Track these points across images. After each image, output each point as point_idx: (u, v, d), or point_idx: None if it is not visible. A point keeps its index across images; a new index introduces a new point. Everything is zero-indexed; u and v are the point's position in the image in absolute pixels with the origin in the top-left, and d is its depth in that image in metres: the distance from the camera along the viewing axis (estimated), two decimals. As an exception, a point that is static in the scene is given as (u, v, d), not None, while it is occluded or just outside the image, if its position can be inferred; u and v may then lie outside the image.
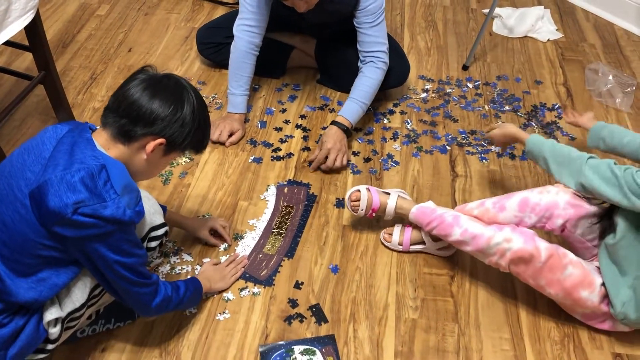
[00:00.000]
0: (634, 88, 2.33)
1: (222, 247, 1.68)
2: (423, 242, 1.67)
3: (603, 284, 1.43)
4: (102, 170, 1.15)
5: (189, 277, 1.54)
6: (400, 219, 1.71)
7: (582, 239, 1.51)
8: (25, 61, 2.33)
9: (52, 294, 1.21)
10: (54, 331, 1.24)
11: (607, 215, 1.47)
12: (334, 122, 1.97)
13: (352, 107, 1.99)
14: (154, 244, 1.37)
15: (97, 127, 1.25)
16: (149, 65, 1.27)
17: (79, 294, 1.26)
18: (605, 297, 1.43)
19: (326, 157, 1.92)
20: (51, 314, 1.23)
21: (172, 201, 1.82)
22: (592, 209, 1.48)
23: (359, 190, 1.68)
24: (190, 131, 1.24)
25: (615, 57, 2.59)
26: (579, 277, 1.41)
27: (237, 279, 1.61)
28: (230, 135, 2.03)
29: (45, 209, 1.11)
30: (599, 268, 1.46)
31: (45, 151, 1.19)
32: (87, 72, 2.32)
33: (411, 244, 1.68)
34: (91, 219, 1.12)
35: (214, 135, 2.01)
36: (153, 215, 1.36)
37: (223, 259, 1.65)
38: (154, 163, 1.27)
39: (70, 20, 2.61)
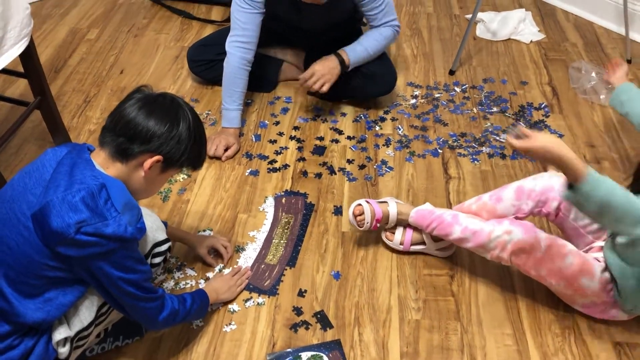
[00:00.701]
0: (617, 84, 2.39)
1: (217, 267, 1.69)
2: (423, 243, 1.70)
3: (604, 272, 1.46)
4: (102, 190, 1.17)
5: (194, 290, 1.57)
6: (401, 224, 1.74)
7: (575, 225, 1.54)
8: (18, 88, 2.36)
9: (60, 313, 1.23)
10: (63, 351, 1.26)
11: None
12: (334, 53, 2.07)
13: (356, 48, 2.11)
14: (158, 259, 1.39)
15: (95, 148, 1.28)
16: (145, 85, 1.31)
17: (86, 313, 1.28)
18: (606, 285, 1.46)
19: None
20: (60, 333, 1.25)
21: (172, 218, 1.84)
22: None
23: (360, 205, 1.69)
24: (186, 147, 1.27)
25: (597, 54, 2.66)
26: (579, 266, 1.44)
27: (242, 290, 1.63)
28: (226, 149, 2.06)
29: (49, 230, 1.13)
30: (596, 259, 1.49)
31: (46, 173, 1.21)
32: (81, 95, 2.35)
33: (412, 244, 1.71)
34: (94, 238, 1.14)
35: (210, 150, 2.04)
36: (156, 231, 1.38)
37: (226, 271, 1.68)
38: (152, 180, 1.29)
39: (61, 46, 2.64)
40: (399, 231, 1.71)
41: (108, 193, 1.18)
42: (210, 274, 1.67)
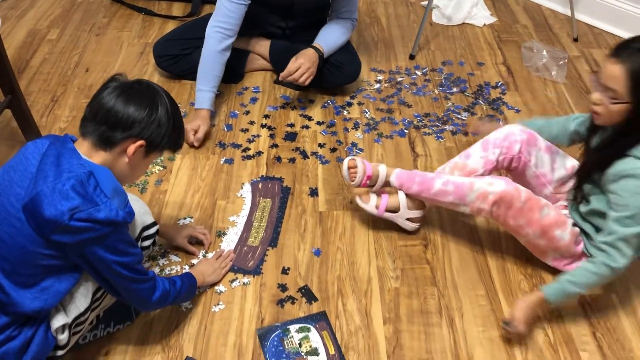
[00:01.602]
0: (566, 61, 2.53)
1: (201, 253, 1.74)
2: (396, 211, 1.78)
3: (574, 226, 1.58)
4: (90, 177, 1.20)
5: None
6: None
7: (537, 173, 1.66)
8: (-18, 90, 2.33)
9: (57, 301, 1.26)
10: (62, 337, 1.29)
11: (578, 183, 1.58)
12: (311, 46, 2.16)
13: (328, 40, 2.21)
14: (147, 242, 1.43)
15: (77, 138, 1.31)
16: (119, 74, 1.33)
17: (82, 299, 1.31)
18: (576, 237, 1.58)
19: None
20: (58, 321, 1.28)
21: (151, 208, 1.86)
22: (542, 142, 1.66)
23: (354, 159, 1.76)
24: (167, 130, 1.30)
25: (546, 34, 2.81)
26: (554, 217, 1.56)
27: (227, 272, 1.68)
28: (196, 133, 2.10)
29: (42, 219, 1.16)
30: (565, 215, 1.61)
31: (30, 166, 1.23)
32: (47, 95, 2.34)
33: (386, 210, 1.78)
34: (87, 223, 1.17)
35: None
36: (143, 215, 1.42)
37: (210, 255, 1.73)
38: (137, 165, 1.33)
39: (21, 47, 2.62)
40: (374, 196, 1.79)
41: (96, 180, 1.21)
42: (194, 260, 1.72)
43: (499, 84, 2.47)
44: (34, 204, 1.17)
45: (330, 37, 2.23)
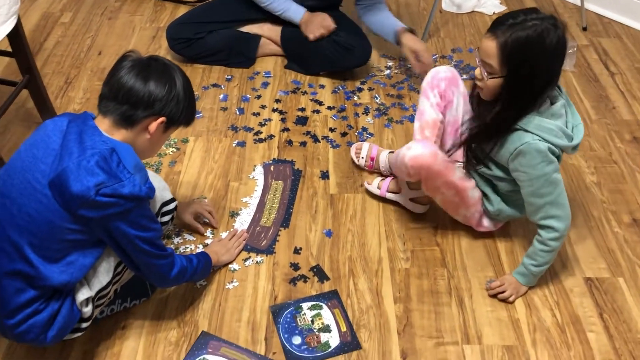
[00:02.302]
0: (575, 49, 2.55)
1: (208, 232, 1.77)
2: (399, 192, 1.83)
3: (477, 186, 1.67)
4: (113, 153, 1.24)
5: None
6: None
7: (455, 116, 1.70)
8: (-3, 71, 2.36)
9: (82, 274, 1.30)
10: (87, 310, 1.34)
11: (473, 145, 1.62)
12: (403, 32, 2.25)
13: (395, 20, 2.31)
14: (166, 218, 1.46)
15: (95, 116, 1.32)
16: (132, 51, 1.34)
17: (104, 274, 1.34)
18: (480, 198, 1.68)
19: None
20: (82, 294, 1.32)
21: (165, 188, 1.91)
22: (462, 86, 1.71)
23: (361, 143, 1.92)
24: (184, 106, 1.33)
25: (555, 24, 2.82)
26: (467, 180, 1.64)
27: (240, 251, 1.71)
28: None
29: (69, 195, 1.19)
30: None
31: (53, 143, 1.26)
32: (61, 77, 2.37)
33: (388, 192, 1.84)
34: (112, 199, 1.20)
35: (317, 32, 2.26)
36: (162, 191, 1.46)
37: (223, 235, 1.76)
38: (157, 141, 1.36)
39: (35, 30, 2.64)
40: (378, 179, 1.87)
41: (119, 156, 1.24)
42: (208, 240, 1.75)
43: (508, 71, 2.48)
44: (60, 180, 1.20)
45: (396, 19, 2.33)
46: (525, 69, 1.39)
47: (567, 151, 1.51)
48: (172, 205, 1.48)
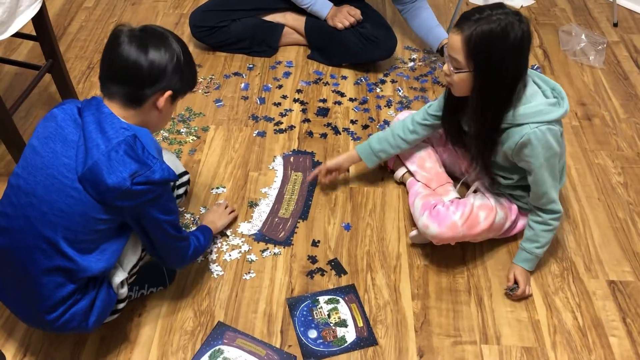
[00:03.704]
0: (605, 46, 2.49)
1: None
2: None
3: (499, 200, 1.64)
4: (136, 140, 1.22)
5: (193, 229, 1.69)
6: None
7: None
8: (21, 54, 2.37)
9: (116, 258, 1.31)
10: (123, 291, 1.36)
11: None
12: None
13: (441, 30, 2.29)
14: (181, 190, 1.50)
15: (102, 99, 1.27)
16: (122, 24, 1.27)
17: (132, 253, 1.37)
18: (510, 206, 1.65)
19: None
20: (118, 277, 1.34)
21: (185, 177, 1.90)
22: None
23: None
24: (186, 74, 1.29)
25: (584, 19, 2.75)
26: (489, 213, 1.59)
27: (234, 215, 1.76)
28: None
29: (105, 187, 1.18)
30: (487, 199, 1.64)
31: (70, 134, 1.24)
32: (84, 62, 2.37)
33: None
34: (146, 186, 1.21)
35: (345, 22, 2.25)
36: (177, 165, 1.48)
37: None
38: (166, 114, 1.32)
39: (58, 14, 2.65)
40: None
41: (141, 142, 1.23)
42: (227, 231, 1.74)
43: (535, 67, 2.43)
44: (93, 174, 1.19)
45: (440, 28, 2.29)
46: (490, 62, 1.39)
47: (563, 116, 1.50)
48: (186, 177, 1.52)
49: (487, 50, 1.38)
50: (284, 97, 2.24)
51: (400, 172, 1.86)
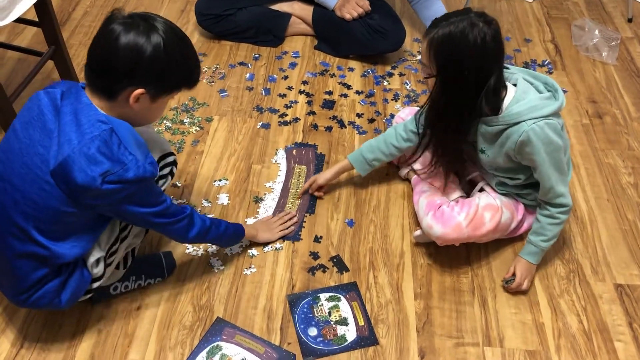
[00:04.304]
0: (619, 42, 2.43)
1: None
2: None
3: (504, 199, 1.60)
4: (112, 134, 1.17)
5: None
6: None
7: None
8: (25, 39, 2.34)
9: (93, 244, 1.29)
10: (97, 270, 1.33)
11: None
12: None
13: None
14: (166, 170, 1.42)
15: (85, 85, 1.23)
16: (117, 9, 1.20)
17: (109, 231, 1.33)
18: (517, 206, 1.61)
19: None
20: (93, 256, 1.31)
21: (187, 168, 1.88)
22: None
23: None
24: (169, 72, 1.19)
25: (598, 13, 2.69)
26: (494, 214, 1.55)
27: (284, 234, 1.67)
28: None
29: (75, 185, 1.15)
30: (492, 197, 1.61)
31: (49, 122, 1.20)
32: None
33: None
34: (118, 185, 1.17)
35: (353, 13, 2.19)
36: (163, 144, 1.42)
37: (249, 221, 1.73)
38: (147, 110, 1.24)
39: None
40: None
41: (118, 136, 1.18)
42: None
43: (546, 62, 2.38)
44: (63, 171, 1.15)
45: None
46: (450, 65, 1.37)
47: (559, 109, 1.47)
48: (170, 159, 1.43)
49: (445, 52, 1.37)
50: (290, 88, 2.20)
51: (405, 169, 1.83)
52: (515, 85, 1.47)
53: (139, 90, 1.18)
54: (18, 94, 1.80)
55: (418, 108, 1.71)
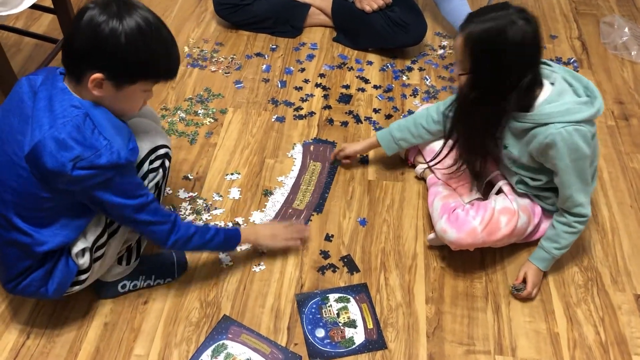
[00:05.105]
0: (649, 40, 2.35)
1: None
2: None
3: (521, 201, 1.55)
4: (86, 119, 1.14)
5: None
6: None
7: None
8: (42, 25, 2.33)
9: (78, 233, 1.27)
10: (83, 261, 1.30)
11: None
12: None
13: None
14: (156, 164, 1.35)
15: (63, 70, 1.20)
16: None
17: (95, 223, 1.30)
18: (533, 208, 1.56)
19: None
20: (77, 247, 1.28)
21: (200, 160, 1.85)
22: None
23: None
24: (127, 59, 1.13)
25: (628, 10, 2.60)
26: (511, 218, 1.51)
27: (289, 245, 1.58)
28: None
29: (45, 170, 1.13)
30: (509, 201, 1.55)
31: (27, 109, 1.19)
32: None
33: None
34: (90, 171, 1.14)
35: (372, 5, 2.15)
36: (154, 136, 1.35)
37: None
38: (114, 99, 1.18)
39: (82, -16, 2.60)
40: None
41: (93, 121, 1.15)
42: (239, 219, 1.69)
43: (572, 60, 2.31)
44: (34, 156, 1.13)
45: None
46: (487, 62, 1.33)
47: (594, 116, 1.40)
48: (161, 151, 1.35)
49: (483, 49, 1.32)
50: (306, 81, 2.16)
51: (421, 168, 1.79)
52: (552, 84, 1.41)
53: (97, 75, 1.13)
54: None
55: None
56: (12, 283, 1.30)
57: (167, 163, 1.37)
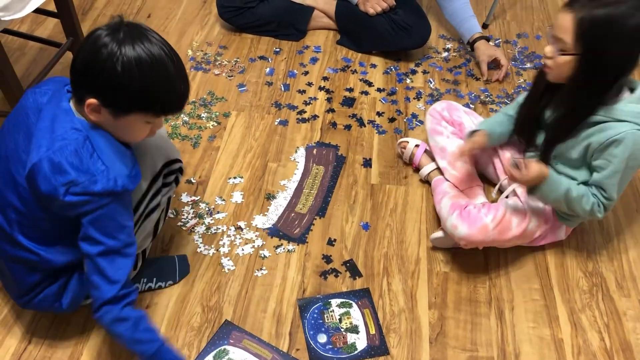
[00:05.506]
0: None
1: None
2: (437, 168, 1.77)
3: (529, 203, 1.54)
4: (86, 142, 1.11)
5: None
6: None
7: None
8: (47, 29, 2.34)
9: None
10: None
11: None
12: (479, 38, 2.16)
13: (475, 22, 2.20)
14: (170, 178, 1.35)
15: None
16: (119, 16, 1.12)
17: None
18: (538, 212, 1.54)
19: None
20: None
21: (202, 164, 1.85)
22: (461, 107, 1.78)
23: (407, 142, 1.84)
24: (122, 89, 1.08)
25: None
26: (522, 219, 1.51)
27: None
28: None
29: (40, 193, 1.11)
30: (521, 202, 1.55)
31: (31, 125, 1.17)
32: (109, 39, 2.33)
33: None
34: (84, 197, 1.10)
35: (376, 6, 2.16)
36: (167, 150, 1.34)
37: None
38: (112, 127, 1.15)
39: (87, -12, 2.60)
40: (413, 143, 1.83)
41: (92, 145, 1.12)
42: (241, 222, 1.69)
43: None
44: (31, 177, 1.12)
45: (473, 18, 2.21)
46: (600, 49, 1.28)
47: None
48: (175, 166, 1.35)
49: (599, 35, 1.27)
50: (309, 84, 2.16)
51: (426, 170, 1.77)
52: (632, 90, 1.38)
53: (91, 100, 1.09)
54: (39, 81, 1.79)
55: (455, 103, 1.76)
56: (24, 298, 1.29)
57: (179, 177, 1.38)
